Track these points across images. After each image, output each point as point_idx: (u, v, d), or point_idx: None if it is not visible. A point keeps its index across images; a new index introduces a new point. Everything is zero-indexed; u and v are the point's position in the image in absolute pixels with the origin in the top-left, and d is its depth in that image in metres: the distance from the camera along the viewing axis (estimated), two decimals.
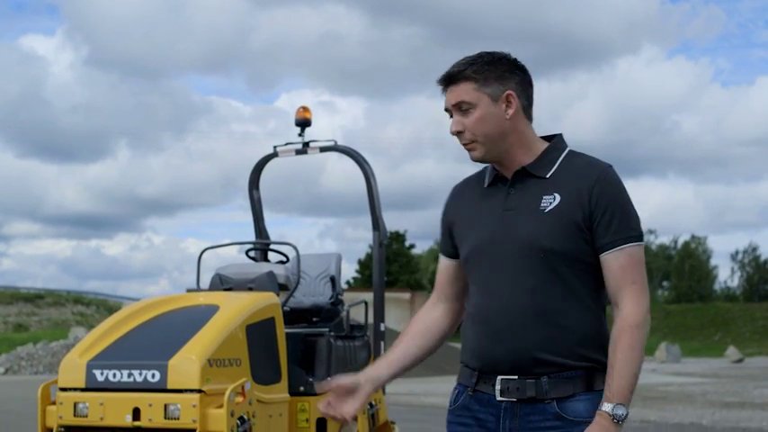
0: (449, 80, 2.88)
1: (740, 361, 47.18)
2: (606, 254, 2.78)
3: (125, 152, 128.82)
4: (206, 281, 7.32)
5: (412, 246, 75.28)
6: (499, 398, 2.82)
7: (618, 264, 2.77)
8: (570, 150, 2.93)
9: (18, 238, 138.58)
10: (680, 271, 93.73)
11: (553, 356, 2.76)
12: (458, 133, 2.87)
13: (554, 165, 2.88)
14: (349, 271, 72.63)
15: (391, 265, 67.25)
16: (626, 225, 2.78)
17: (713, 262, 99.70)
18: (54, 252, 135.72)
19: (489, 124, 2.85)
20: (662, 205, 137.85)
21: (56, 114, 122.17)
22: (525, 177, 2.88)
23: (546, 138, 2.96)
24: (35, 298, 73.51)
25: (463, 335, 2.97)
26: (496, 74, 2.86)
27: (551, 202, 2.80)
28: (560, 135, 2.98)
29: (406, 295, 46.92)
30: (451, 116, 2.91)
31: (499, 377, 2.81)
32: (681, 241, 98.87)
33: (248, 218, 8.60)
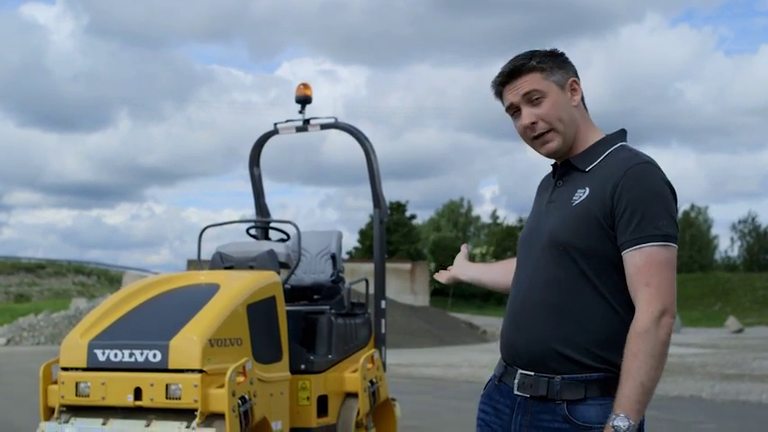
0: (513, 74, 2.83)
1: (740, 331, 47.28)
2: (625, 252, 2.68)
3: (126, 121, 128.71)
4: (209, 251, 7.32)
5: (413, 216, 75.25)
6: (516, 392, 2.82)
7: (634, 264, 2.66)
8: (622, 145, 2.85)
9: (19, 208, 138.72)
10: (680, 240, 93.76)
11: (569, 352, 2.70)
12: (531, 125, 2.81)
13: (598, 158, 2.82)
14: (350, 241, 72.72)
15: (392, 235, 67.26)
16: (648, 223, 2.65)
17: (714, 231, 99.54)
18: (55, 221, 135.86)
19: (564, 110, 2.82)
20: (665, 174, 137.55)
21: (56, 83, 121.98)
22: (569, 170, 2.86)
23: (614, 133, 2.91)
24: (36, 268, 73.66)
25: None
26: (558, 62, 2.85)
27: (581, 196, 2.77)
28: (622, 130, 2.92)
29: (407, 266, 46.93)
30: (513, 113, 2.87)
31: (519, 371, 2.81)
32: (681, 211, 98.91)
33: (249, 187, 8.59)
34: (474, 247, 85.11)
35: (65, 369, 6.03)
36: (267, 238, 7.94)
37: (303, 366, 6.85)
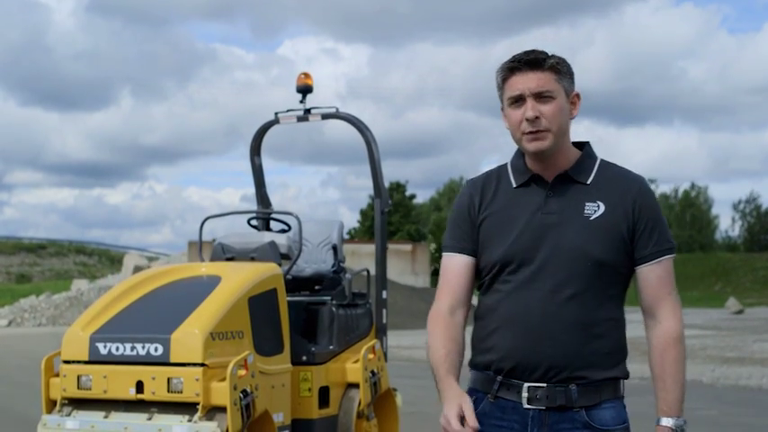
0: (534, 64, 2.80)
1: (740, 312, 47.31)
2: (645, 266, 2.83)
3: (128, 100, 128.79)
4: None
5: (413, 196, 75.17)
6: (526, 405, 2.78)
7: (656, 275, 2.83)
8: (602, 160, 2.93)
9: (20, 187, 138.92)
10: (681, 220, 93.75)
11: (588, 366, 2.76)
12: (535, 119, 2.78)
13: (591, 172, 2.88)
14: (351, 221, 72.70)
15: (392, 216, 67.25)
16: (664, 237, 2.84)
17: (715, 211, 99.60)
18: (56, 201, 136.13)
19: (564, 118, 2.83)
20: (666, 153, 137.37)
21: (58, 62, 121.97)
22: (566, 182, 2.86)
23: (575, 143, 2.94)
24: (37, 248, 73.80)
25: (480, 338, 2.89)
26: (570, 71, 2.86)
27: (596, 210, 2.80)
28: (589, 143, 2.96)
29: (408, 247, 46.94)
30: (514, 102, 2.82)
31: (526, 384, 2.78)
32: (681, 190, 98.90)
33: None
34: None
35: (66, 362, 6.04)
36: (268, 228, 7.93)
37: (304, 358, 6.85)
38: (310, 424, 6.83)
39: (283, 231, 7.61)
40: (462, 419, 2.65)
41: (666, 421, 2.79)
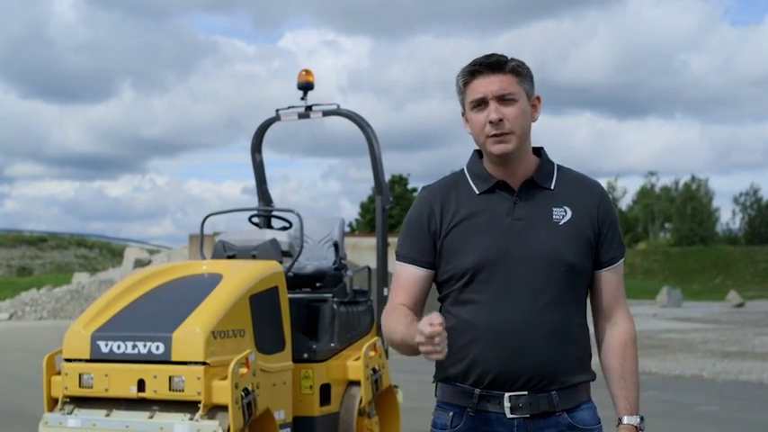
0: (495, 67, 2.79)
1: (741, 305, 47.32)
2: (607, 269, 2.88)
3: (129, 92, 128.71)
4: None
5: (414, 189, 75.16)
6: (510, 415, 2.75)
7: (616, 278, 2.90)
8: (558, 164, 2.95)
9: (21, 180, 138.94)
10: (681, 213, 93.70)
11: (566, 371, 2.79)
12: (499, 121, 2.76)
13: (552, 176, 2.88)
14: (351, 213, 72.72)
15: (393, 209, 67.30)
16: (620, 241, 2.91)
17: (715, 204, 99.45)
18: (57, 193, 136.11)
19: (526, 120, 2.82)
20: (668, 145, 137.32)
21: (59, 54, 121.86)
22: (531, 187, 2.84)
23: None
24: (38, 241, 73.76)
25: (453, 348, 2.68)
26: (530, 74, 2.86)
27: (563, 215, 2.81)
28: (543, 148, 2.95)
29: None
30: (476, 106, 2.80)
31: (507, 394, 2.75)
32: (681, 182, 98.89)
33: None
34: None
35: (68, 360, 6.04)
36: (269, 225, 7.93)
37: (306, 355, 6.85)
38: (311, 421, 6.84)
39: (284, 229, 7.61)
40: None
41: (630, 419, 2.84)
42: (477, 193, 2.85)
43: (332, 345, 7.12)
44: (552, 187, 2.85)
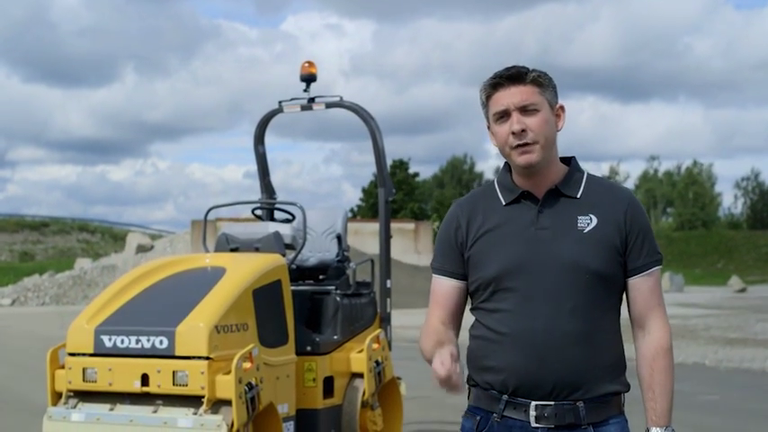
0: (516, 78, 2.81)
1: (743, 290, 47.39)
2: (637, 277, 2.85)
3: (131, 76, 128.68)
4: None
5: (416, 174, 75.17)
6: (535, 424, 2.77)
7: (647, 286, 2.86)
8: (589, 174, 2.95)
9: (23, 164, 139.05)
10: (683, 198, 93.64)
11: (593, 380, 2.78)
12: (521, 132, 2.79)
13: (580, 186, 2.89)
14: (353, 198, 72.75)
15: (396, 193, 67.34)
16: (654, 248, 2.87)
17: (717, 188, 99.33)
18: (59, 178, 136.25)
19: (550, 130, 2.84)
20: (671, 129, 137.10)
21: (62, 38, 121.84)
22: (556, 197, 2.86)
23: (562, 159, 2.95)
24: (40, 226, 73.86)
25: (480, 356, 2.87)
26: (552, 83, 2.87)
27: (588, 223, 2.81)
28: (575, 157, 2.97)
29: (411, 226, 46.93)
30: (500, 119, 2.83)
31: (533, 403, 2.77)
32: (684, 167, 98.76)
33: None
34: None
35: (72, 354, 6.05)
36: (272, 218, 7.93)
37: (309, 348, 6.86)
38: (315, 414, 6.86)
39: (287, 221, 7.61)
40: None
41: (656, 431, 2.83)
42: (504, 204, 2.89)
43: (335, 337, 7.13)
44: (578, 196, 2.86)
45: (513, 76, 2.81)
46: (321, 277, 7.59)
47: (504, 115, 2.82)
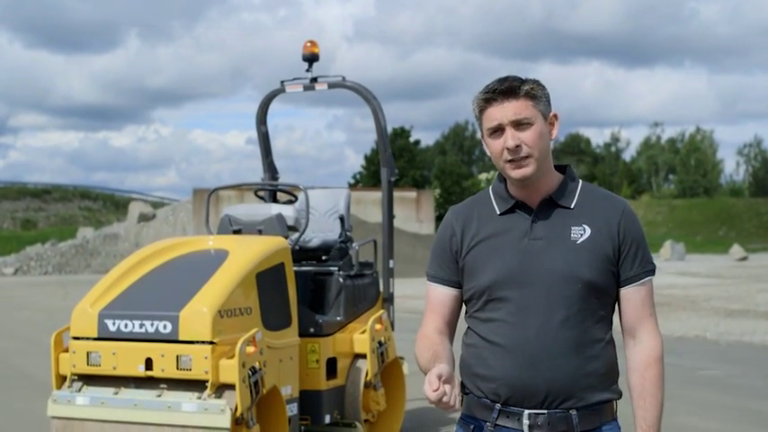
0: (509, 93, 2.80)
1: (744, 259, 47.43)
2: (630, 287, 2.86)
3: (134, 42, 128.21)
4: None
5: (417, 141, 74.98)
6: None
7: (640, 296, 2.87)
8: (584, 182, 2.95)
9: (25, 130, 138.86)
10: (685, 164, 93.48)
11: (586, 388, 2.79)
12: (515, 147, 2.78)
13: (575, 195, 2.89)
14: (355, 165, 72.73)
15: (396, 161, 67.23)
16: (647, 258, 2.87)
17: (720, 155, 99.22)
18: (61, 144, 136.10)
19: (544, 141, 2.83)
20: (675, 94, 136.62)
21: (64, 3, 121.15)
22: (550, 207, 2.87)
23: (556, 167, 2.95)
24: (42, 193, 73.79)
25: (473, 365, 2.88)
26: (545, 94, 2.85)
27: (582, 233, 2.82)
28: (570, 166, 2.98)
29: (412, 194, 46.92)
30: (493, 133, 2.82)
31: (526, 411, 2.79)
32: (687, 134, 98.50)
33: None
34: (480, 171, 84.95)
35: (76, 338, 6.06)
36: (275, 199, 7.93)
37: (312, 330, 6.88)
38: (318, 395, 6.89)
39: (290, 202, 7.61)
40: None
41: None
42: (498, 213, 2.90)
43: (338, 318, 7.15)
44: (572, 206, 2.86)
45: (506, 90, 2.80)
46: (324, 258, 7.60)
47: (497, 130, 2.82)
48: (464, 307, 2.99)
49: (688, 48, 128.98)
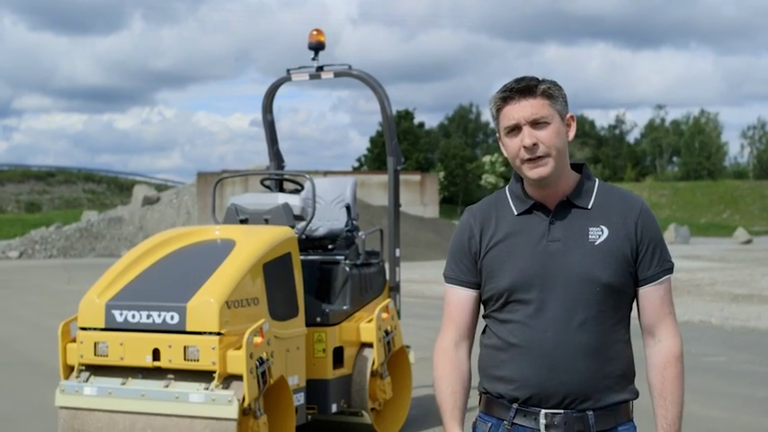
0: (526, 92, 2.80)
1: (749, 242, 47.42)
2: (648, 286, 2.86)
3: (139, 24, 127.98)
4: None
5: (421, 124, 74.96)
6: None
7: (658, 295, 2.86)
8: (601, 182, 2.94)
9: (29, 113, 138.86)
10: (690, 147, 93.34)
11: (603, 390, 2.80)
12: (533, 146, 2.78)
13: (591, 195, 2.89)
14: (360, 147, 72.71)
15: (400, 144, 67.21)
16: (665, 257, 2.87)
17: (724, 137, 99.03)
18: (65, 126, 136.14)
19: (561, 141, 2.83)
20: (681, 76, 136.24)
21: None
22: (567, 208, 2.86)
23: (572, 165, 2.94)
24: (46, 176, 73.90)
25: (491, 366, 2.89)
26: (562, 94, 2.86)
27: (600, 234, 2.82)
28: (586, 164, 2.97)
29: (416, 177, 46.87)
30: (510, 132, 2.83)
31: (543, 411, 2.80)
32: (691, 117, 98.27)
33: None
34: (483, 154, 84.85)
35: (83, 329, 6.08)
36: (281, 188, 7.93)
37: (318, 319, 6.89)
38: (325, 384, 6.91)
39: (296, 191, 7.61)
40: None
41: None
42: (516, 213, 2.90)
43: (344, 307, 7.16)
44: (590, 206, 2.86)
45: (523, 89, 2.80)
46: (330, 247, 7.60)
47: (514, 129, 2.82)
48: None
49: (694, 29, 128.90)
